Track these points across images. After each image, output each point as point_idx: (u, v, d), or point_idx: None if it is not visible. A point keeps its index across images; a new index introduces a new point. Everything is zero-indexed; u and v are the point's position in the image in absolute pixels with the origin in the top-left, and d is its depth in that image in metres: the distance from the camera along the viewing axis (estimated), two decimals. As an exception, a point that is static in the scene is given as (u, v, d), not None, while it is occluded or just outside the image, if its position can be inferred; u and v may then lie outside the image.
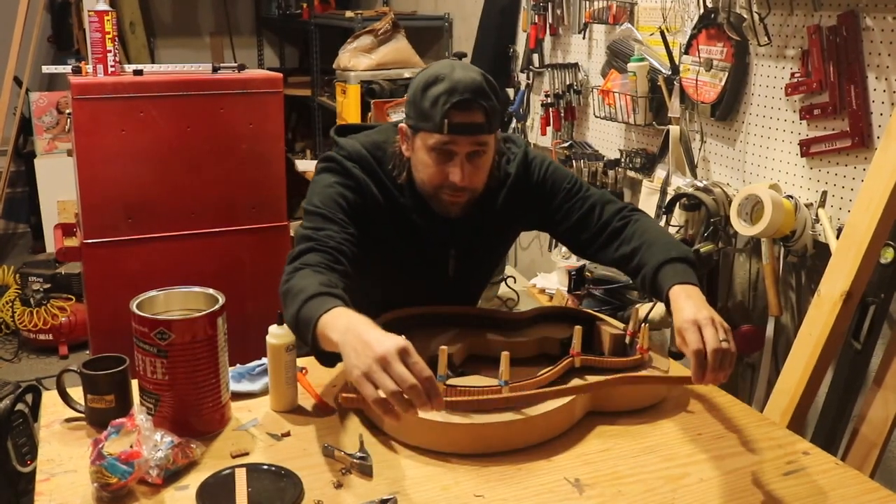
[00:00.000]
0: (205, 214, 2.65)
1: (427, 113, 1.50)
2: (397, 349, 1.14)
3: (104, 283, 2.57)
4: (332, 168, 1.61)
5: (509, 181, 1.67)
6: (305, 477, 1.27)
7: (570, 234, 1.72)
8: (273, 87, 2.70)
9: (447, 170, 1.54)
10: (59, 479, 1.26)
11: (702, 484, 1.29)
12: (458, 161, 1.53)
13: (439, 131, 1.50)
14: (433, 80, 1.51)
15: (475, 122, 1.50)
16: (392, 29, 3.78)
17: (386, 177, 1.62)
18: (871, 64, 1.90)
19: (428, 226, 1.63)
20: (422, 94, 1.51)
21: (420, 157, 1.56)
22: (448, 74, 1.50)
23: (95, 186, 2.52)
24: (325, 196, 1.56)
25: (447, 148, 1.52)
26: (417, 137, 1.55)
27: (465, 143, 1.51)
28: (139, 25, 5.10)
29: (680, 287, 1.46)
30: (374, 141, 1.65)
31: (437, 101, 1.49)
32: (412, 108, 1.55)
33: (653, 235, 1.61)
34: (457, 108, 1.48)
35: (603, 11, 2.80)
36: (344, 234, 1.51)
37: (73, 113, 2.51)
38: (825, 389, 1.91)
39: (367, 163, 1.61)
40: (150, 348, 1.33)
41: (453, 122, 1.49)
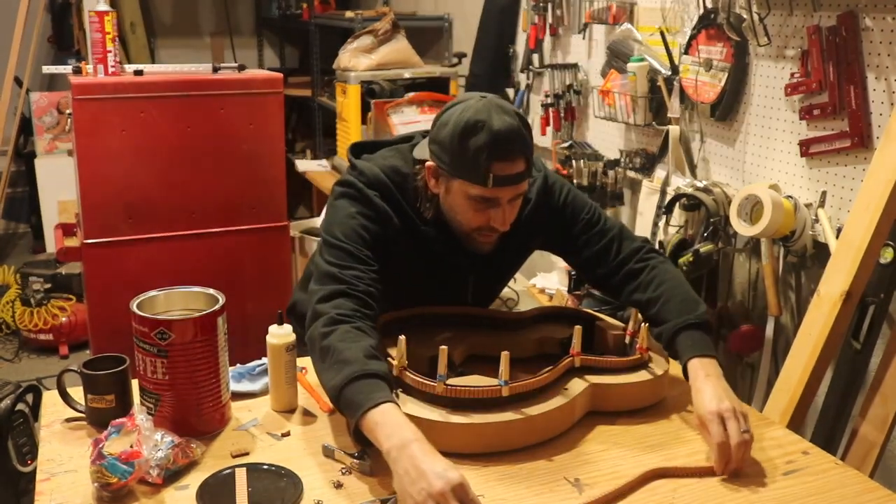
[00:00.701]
0: (205, 214, 2.65)
1: (469, 165, 1.45)
2: (453, 487, 1.14)
3: (104, 283, 2.57)
4: (352, 195, 1.56)
5: (529, 207, 1.64)
6: (305, 477, 1.27)
7: (586, 266, 1.70)
8: (273, 87, 2.70)
9: (489, 215, 1.51)
10: (60, 479, 1.27)
11: (702, 484, 1.29)
12: (502, 208, 1.51)
13: (484, 184, 1.45)
14: (472, 129, 1.44)
15: (518, 171, 1.47)
16: (392, 29, 3.78)
17: (407, 204, 1.58)
18: (870, 64, 1.90)
19: (448, 255, 1.62)
20: (460, 144, 1.45)
21: (458, 201, 1.52)
22: (487, 122, 1.43)
23: (96, 186, 2.52)
24: (347, 228, 1.51)
25: (490, 198, 1.49)
26: (455, 183, 1.50)
27: (509, 192, 1.50)
28: (139, 26, 5.11)
29: (698, 361, 1.47)
30: (392, 166, 1.60)
31: (479, 155, 1.43)
32: (448, 154, 1.48)
33: (670, 288, 1.60)
34: (501, 160, 1.44)
35: (603, 11, 2.80)
36: (370, 273, 1.48)
37: (73, 113, 2.51)
38: (825, 389, 1.91)
39: (388, 189, 1.57)
40: (150, 348, 1.33)
41: (498, 175, 1.45)
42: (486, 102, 1.48)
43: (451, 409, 1.36)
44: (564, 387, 1.45)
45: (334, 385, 1.31)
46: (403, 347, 1.41)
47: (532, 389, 1.40)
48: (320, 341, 1.37)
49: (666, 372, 1.55)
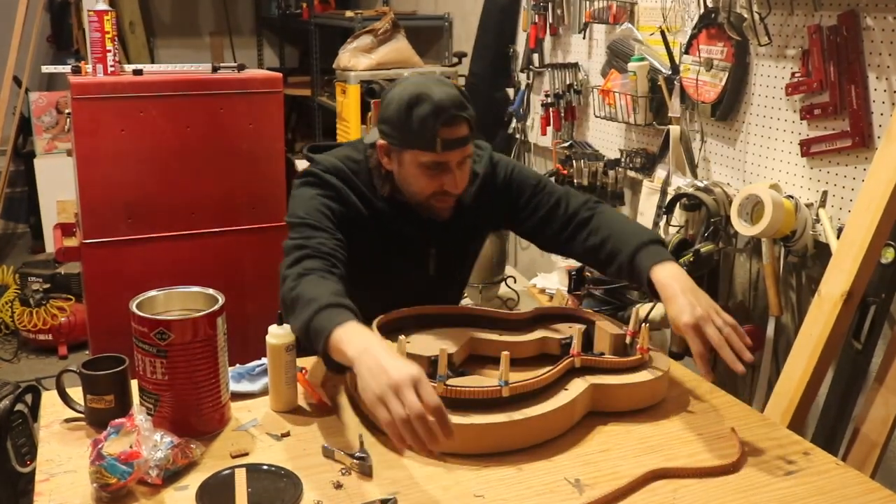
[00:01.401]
0: (205, 214, 2.65)
1: (417, 134, 1.57)
2: (411, 378, 1.19)
3: (104, 283, 2.57)
4: (311, 182, 1.67)
5: (478, 180, 1.75)
6: (305, 477, 1.26)
7: (538, 229, 1.78)
8: (273, 87, 2.70)
9: (441, 180, 1.62)
10: (59, 480, 1.26)
11: (702, 484, 1.29)
12: (452, 172, 1.61)
13: (432, 149, 1.57)
14: (416, 100, 1.56)
15: (463, 135, 1.59)
16: (392, 29, 3.78)
17: (363, 185, 1.68)
18: (871, 64, 1.90)
19: (407, 229, 1.71)
20: (406, 116, 1.57)
21: (411, 171, 1.63)
22: (428, 93, 1.56)
23: (95, 186, 2.51)
24: (308, 207, 1.61)
25: (440, 163, 1.60)
26: (406, 155, 1.61)
27: (457, 155, 1.60)
28: (139, 25, 5.11)
29: (660, 268, 1.53)
30: (346, 154, 1.73)
31: (426, 122, 1.55)
32: (397, 129, 1.60)
33: (620, 225, 1.69)
34: (447, 125, 1.56)
35: (603, 11, 2.80)
36: (334, 240, 1.56)
37: (72, 113, 2.51)
38: (826, 389, 1.91)
39: (344, 173, 1.67)
40: (149, 348, 1.32)
41: (446, 139, 1.56)
42: (424, 78, 1.63)
43: (451, 409, 1.35)
44: (564, 387, 1.45)
45: (303, 321, 1.37)
46: (403, 347, 1.41)
47: (532, 390, 1.40)
48: (289, 295, 1.43)
49: (666, 372, 1.54)
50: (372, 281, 1.68)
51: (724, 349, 1.40)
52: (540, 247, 1.86)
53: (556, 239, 1.76)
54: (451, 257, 1.81)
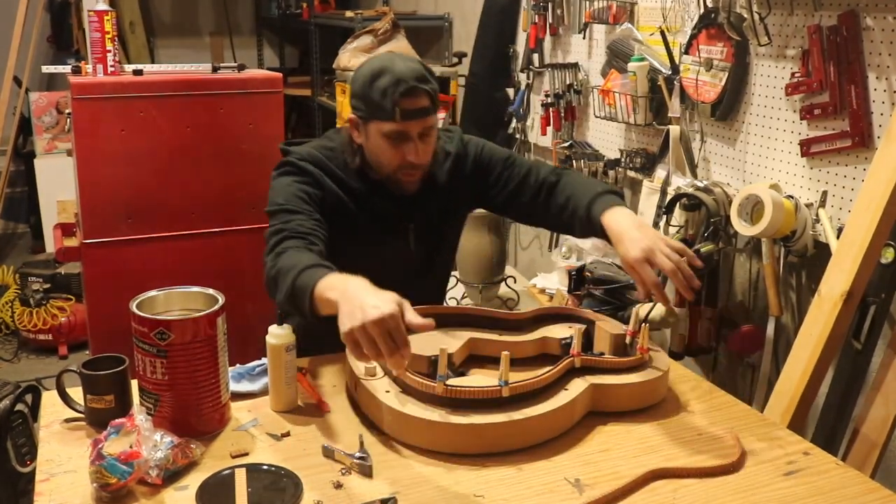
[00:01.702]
0: (205, 214, 2.65)
1: (379, 104, 1.64)
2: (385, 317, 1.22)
3: (104, 284, 2.57)
4: (287, 171, 1.73)
5: (450, 158, 1.84)
6: (305, 477, 1.26)
7: (511, 201, 1.84)
8: (273, 87, 2.69)
9: (403, 151, 1.68)
10: (59, 480, 1.26)
11: (702, 484, 1.29)
12: (413, 143, 1.67)
13: (392, 119, 1.64)
14: (378, 73, 1.65)
15: (423, 106, 1.66)
16: (392, 29, 3.78)
17: (337, 168, 1.75)
18: (871, 64, 1.90)
19: (384, 206, 1.77)
20: (370, 88, 1.65)
21: (375, 143, 1.69)
22: (390, 67, 1.65)
23: (95, 186, 2.51)
24: (286, 194, 1.67)
25: (401, 133, 1.66)
26: (371, 126, 1.68)
27: (417, 126, 1.66)
28: (139, 25, 5.11)
29: (610, 212, 1.60)
30: (319, 144, 1.81)
31: (386, 92, 1.62)
32: (362, 101, 1.68)
33: (580, 183, 1.77)
34: (405, 96, 1.62)
35: (603, 11, 2.80)
36: (312, 220, 1.62)
37: (72, 113, 2.51)
38: (825, 389, 1.91)
39: (318, 159, 1.74)
40: (149, 348, 1.32)
41: (405, 109, 1.63)
42: (390, 54, 1.72)
43: (451, 409, 1.36)
44: (564, 387, 1.45)
45: (286, 287, 1.43)
46: (403, 347, 1.41)
47: (532, 390, 1.40)
48: (271, 273, 1.49)
49: (666, 372, 1.54)
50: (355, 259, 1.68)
51: (676, 275, 1.45)
52: (516, 219, 1.93)
53: (530, 208, 1.82)
54: (430, 233, 1.85)
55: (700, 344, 2.36)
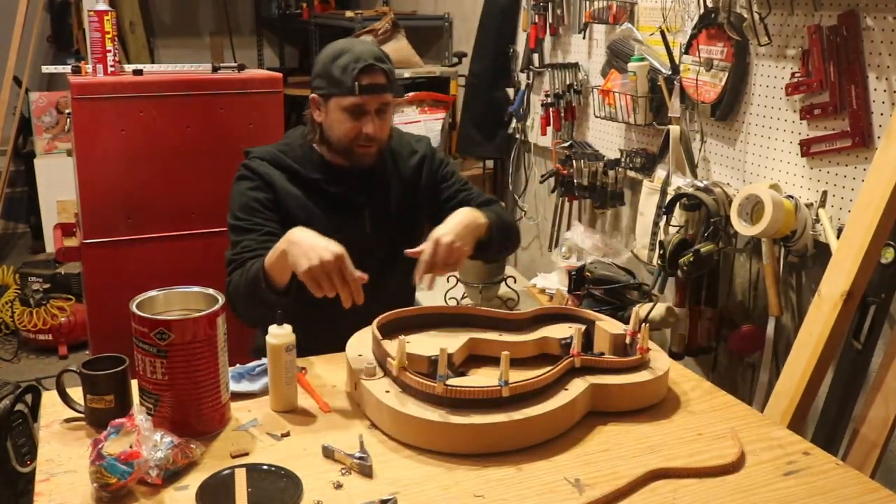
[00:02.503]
0: (205, 214, 2.65)
1: (339, 80, 1.78)
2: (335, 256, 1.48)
3: (104, 283, 2.57)
4: (242, 175, 1.88)
5: (417, 156, 2.00)
6: (305, 477, 1.26)
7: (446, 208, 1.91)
8: (273, 86, 2.69)
9: (360, 125, 1.81)
10: (59, 480, 1.26)
11: (702, 484, 1.29)
12: (370, 117, 1.81)
13: (351, 93, 1.77)
14: (339, 53, 1.80)
15: (380, 82, 1.80)
16: (392, 29, 3.78)
17: (293, 161, 1.88)
18: (871, 64, 1.90)
19: (340, 191, 1.90)
20: (331, 64, 1.79)
21: (335, 117, 1.82)
22: (350, 48, 1.81)
23: (95, 186, 2.51)
24: (241, 205, 1.83)
25: (359, 107, 1.79)
26: (331, 102, 1.81)
27: (374, 101, 1.80)
28: (139, 25, 5.10)
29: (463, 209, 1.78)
30: (280, 143, 1.97)
31: (346, 69, 1.77)
32: (323, 79, 1.81)
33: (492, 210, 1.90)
34: (363, 72, 1.77)
35: (603, 11, 2.80)
36: (261, 237, 1.77)
37: (72, 113, 2.51)
38: (825, 389, 1.91)
39: (274, 155, 1.89)
40: (149, 348, 1.32)
41: (363, 84, 1.77)
42: (351, 38, 1.90)
43: (451, 409, 1.36)
44: (565, 387, 1.45)
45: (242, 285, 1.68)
46: (403, 347, 1.41)
47: (532, 389, 1.40)
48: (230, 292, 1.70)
49: (666, 372, 1.54)
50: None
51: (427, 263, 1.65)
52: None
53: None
54: (386, 217, 1.94)
55: (700, 344, 2.36)
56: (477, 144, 3.68)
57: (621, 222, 2.97)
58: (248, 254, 1.74)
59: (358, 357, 1.54)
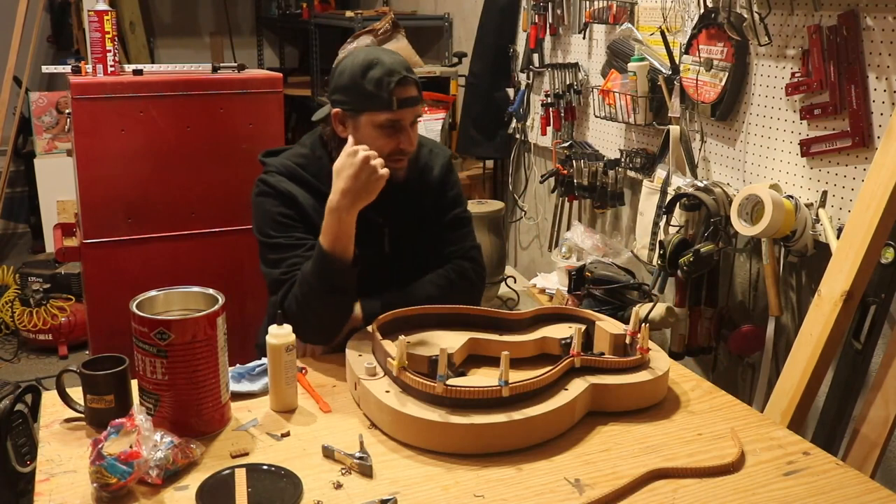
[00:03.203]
0: (205, 214, 2.65)
1: (373, 96, 1.68)
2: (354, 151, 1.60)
3: (104, 283, 2.57)
4: (264, 191, 1.79)
5: (433, 174, 1.90)
6: (305, 477, 1.26)
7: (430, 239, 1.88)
8: (273, 86, 2.69)
9: (397, 139, 1.73)
10: (59, 480, 1.26)
11: (702, 484, 1.29)
12: (406, 130, 1.73)
13: (389, 109, 1.68)
14: (369, 65, 1.69)
15: (414, 94, 1.72)
16: (392, 29, 3.77)
17: (312, 176, 1.80)
18: (871, 64, 1.90)
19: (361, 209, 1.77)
20: (362, 79, 1.69)
21: (367, 133, 1.72)
22: (378, 59, 1.70)
23: (95, 186, 2.51)
24: (272, 223, 1.76)
25: (396, 122, 1.71)
26: (362, 118, 1.71)
27: (410, 114, 1.73)
28: (139, 25, 5.10)
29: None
30: (295, 153, 1.85)
31: (381, 83, 1.67)
32: (351, 94, 1.71)
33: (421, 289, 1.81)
34: (400, 84, 1.68)
35: (603, 11, 2.80)
36: (307, 252, 1.70)
37: (72, 113, 2.51)
38: (825, 389, 1.91)
39: (293, 170, 1.80)
40: (149, 348, 1.32)
41: (400, 98, 1.69)
42: (372, 48, 1.81)
43: (451, 409, 1.36)
44: (565, 387, 1.45)
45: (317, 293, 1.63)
46: (403, 347, 1.41)
47: (532, 389, 1.40)
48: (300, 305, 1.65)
49: (666, 372, 1.54)
50: None
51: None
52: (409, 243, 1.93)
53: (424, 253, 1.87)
54: (404, 237, 1.87)
55: (700, 344, 2.36)
56: (477, 144, 3.68)
57: (621, 222, 2.97)
58: (296, 271, 1.68)
59: (358, 357, 1.54)
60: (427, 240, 1.90)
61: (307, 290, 1.63)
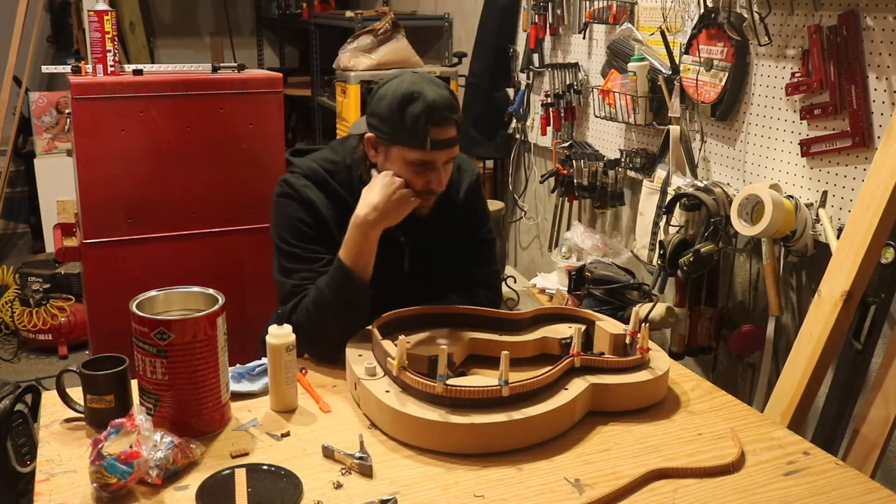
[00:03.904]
0: (205, 214, 2.65)
1: (407, 131, 1.59)
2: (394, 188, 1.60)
3: (104, 283, 2.57)
4: (287, 193, 1.73)
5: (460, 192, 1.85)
6: (305, 477, 1.26)
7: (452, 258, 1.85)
8: (273, 87, 2.70)
9: (427, 178, 1.65)
10: (59, 480, 1.26)
11: (702, 484, 1.29)
12: (438, 171, 1.65)
13: (422, 148, 1.59)
14: (409, 98, 1.59)
15: (451, 136, 1.63)
16: (392, 29, 3.78)
17: (340, 185, 1.74)
18: (871, 64, 1.90)
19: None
20: (399, 113, 1.59)
21: (396, 167, 1.64)
22: (421, 92, 1.59)
23: (95, 186, 2.51)
24: (293, 230, 1.71)
25: (427, 162, 1.63)
26: (393, 150, 1.63)
27: (444, 155, 1.64)
28: (139, 25, 5.11)
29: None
30: (324, 157, 1.79)
31: (417, 121, 1.58)
32: (387, 124, 1.62)
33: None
34: (438, 125, 1.59)
35: (603, 11, 2.80)
36: (317, 267, 1.68)
37: (72, 113, 2.51)
38: (825, 389, 1.91)
39: (319, 175, 1.74)
40: (149, 348, 1.32)
41: (434, 139, 1.59)
42: (419, 76, 1.65)
43: (451, 409, 1.36)
44: (564, 387, 1.45)
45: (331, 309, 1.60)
46: (403, 347, 1.41)
47: (532, 389, 1.40)
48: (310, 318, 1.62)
49: (666, 372, 1.54)
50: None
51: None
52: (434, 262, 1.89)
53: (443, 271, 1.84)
54: (427, 257, 1.82)
55: (700, 344, 2.36)
56: (477, 144, 3.68)
57: (621, 222, 2.97)
58: (308, 284, 1.65)
59: (358, 357, 1.54)
60: (447, 261, 1.85)
61: (321, 303, 1.61)
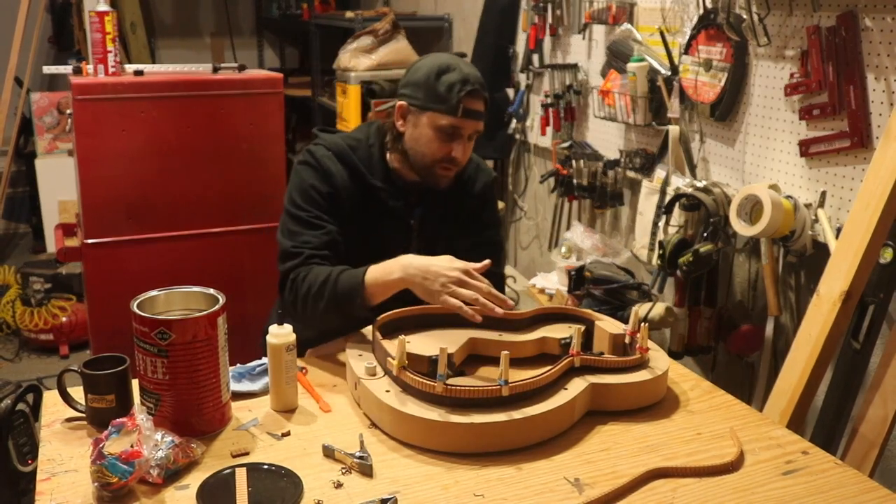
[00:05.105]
0: (205, 214, 2.66)
1: (442, 96, 1.69)
2: (464, 271, 1.53)
3: (105, 283, 2.57)
4: (308, 162, 1.78)
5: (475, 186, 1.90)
6: (305, 477, 1.27)
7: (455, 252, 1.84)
8: (273, 87, 2.70)
9: (451, 147, 1.72)
10: (60, 479, 1.27)
11: (701, 483, 1.29)
12: (463, 141, 1.74)
13: (454, 114, 1.69)
14: (446, 69, 1.70)
15: (480, 109, 1.73)
16: (392, 29, 3.78)
17: (360, 161, 1.79)
18: (870, 64, 1.90)
19: (398, 206, 1.81)
20: (436, 79, 1.70)
21: (424, 132, 1.73)
22: (458, 66, 1.71)
23: (96, 186, 2.52)
24: (302, 193, 1.74)
25: (456, 129, 1.71)
26: (425, 116, 1.72)
27: (471, 126, 1.73)
28: (140, 26, 5.11)
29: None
30: (349, 135, 1.86)
31: (452, 88, 1.68)
32: (422, 90, 1.71)
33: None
34: (470, 95, 1.70)
35: (603, 12, 2.81)
36: (322, 234, 1.71)
37: (73, 113, 2.52)
38: (824, 389, 1.91)
39: (343, 149, 1.79)
40: (150, 348, 1.33)
41: (467, 107, 1.70)
42: (454, 56, 1.77)
43: (451, 409, 1.36)
44: (564, 386, 1.45)
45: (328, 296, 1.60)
46: (403, 347, 1.41)
47: (532, 389, 1.40)
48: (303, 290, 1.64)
49: (666, 372, 1.55)
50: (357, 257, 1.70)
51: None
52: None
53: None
54: (433, 242, 1.84)
55: (700, 344, 2.37)
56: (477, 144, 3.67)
57: (621, 222, 2.98)
58: (308, 249, 1.68)
59: (358, 357, 1.54)
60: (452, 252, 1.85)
61: (321, 296, 1.62)
